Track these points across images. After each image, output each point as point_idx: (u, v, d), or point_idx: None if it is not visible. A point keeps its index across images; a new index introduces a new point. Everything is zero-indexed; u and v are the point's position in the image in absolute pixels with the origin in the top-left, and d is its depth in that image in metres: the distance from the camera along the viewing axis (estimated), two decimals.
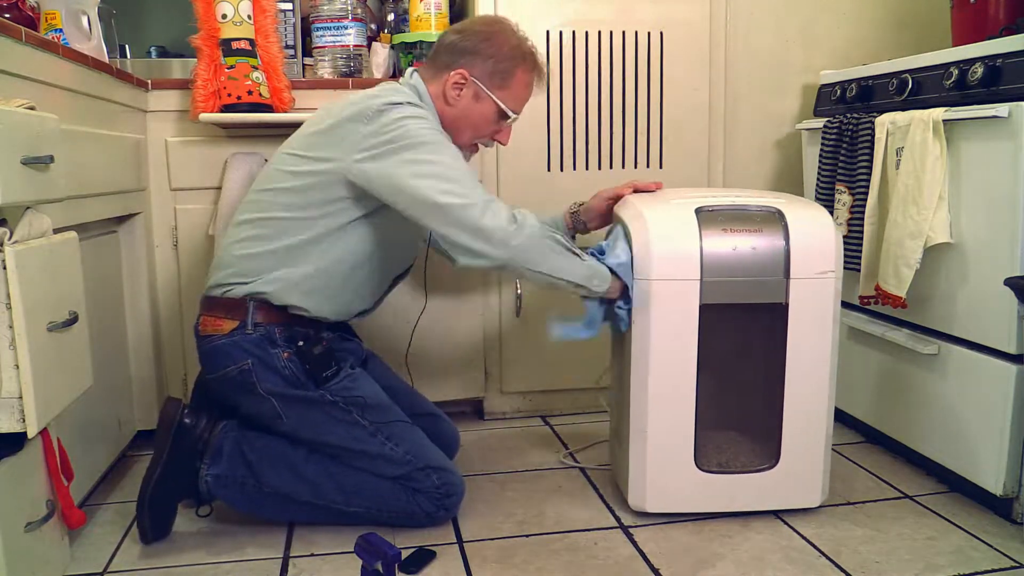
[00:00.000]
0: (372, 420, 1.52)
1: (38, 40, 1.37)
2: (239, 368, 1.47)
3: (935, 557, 1.44)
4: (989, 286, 1.52)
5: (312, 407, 1.49)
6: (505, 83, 1.54)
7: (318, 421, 1.50)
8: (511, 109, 1.56)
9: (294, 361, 1.47)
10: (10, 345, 1.10)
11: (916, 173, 1.61)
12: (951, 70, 1.60)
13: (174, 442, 1.49)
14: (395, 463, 1.52)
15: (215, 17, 1.88)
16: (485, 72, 1.52)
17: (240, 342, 1.47)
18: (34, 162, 1.13)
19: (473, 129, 1.58)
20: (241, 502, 1.53)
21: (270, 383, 1.47)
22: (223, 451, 1.51)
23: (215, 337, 1.49)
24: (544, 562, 1.44)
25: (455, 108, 1.55)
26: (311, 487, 1.52)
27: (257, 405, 1.50)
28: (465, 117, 1.56)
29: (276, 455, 1.52)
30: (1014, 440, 1.51)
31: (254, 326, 1.47)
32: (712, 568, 1.41)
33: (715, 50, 2.18)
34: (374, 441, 1.51)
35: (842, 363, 2.03)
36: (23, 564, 1.21)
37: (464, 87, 1.53)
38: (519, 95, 1.57)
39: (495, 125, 1.58)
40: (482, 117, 1.56)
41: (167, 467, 1.48)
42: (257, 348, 1.47)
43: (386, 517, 1.54)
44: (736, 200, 1.55)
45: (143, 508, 1.48)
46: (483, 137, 1.61)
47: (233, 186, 1.94)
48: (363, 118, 1.43)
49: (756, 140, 2.25)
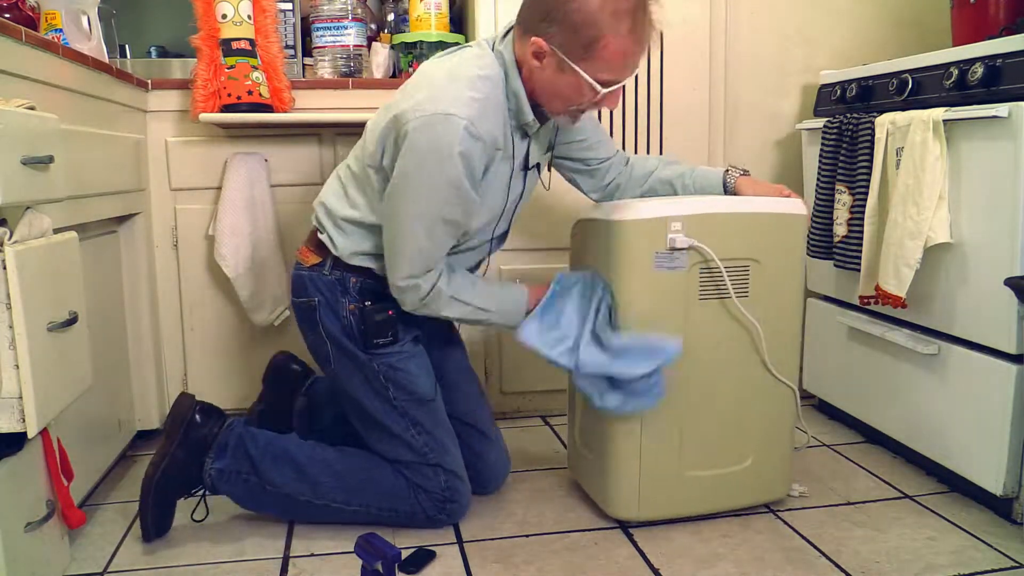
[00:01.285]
0: (405, 401, 1.52)
1: (38, 40, 1.37)
2: (309, 302, 1.53)
3: (935, 557, 1.44)
4: (989, 286, 1.52)
5: (357, 366, 1.52)
6: (589, 53, 1.32)
7: (357, 382, 1.53)
8: (602, 81, 1.35)
9: (356, 316, 1.51)
10: (10, 345, 1.10)
11: (916, 173, 1.61)
12: (951, 70, 1.60)
13: (184, 436, 1.52)
14: (410, 449, 1.52)
15: (215, 17, 1.88)
16: (566, 41, 1.32)
17: (316, 279, 1.52)
18: (34, 162, 1.13)
19: (564, 100, 1.40)
20: (243, 497, 1.55)
21: (331, 326, 1.52)
22: (228, 446, 1.53)
23: (300, 266, 1.55)
24: (544, 562, 1.44)
25: (540, 77, 1.38)
26: (311, 486, 1.52)
27: (316, 341, 1.55)
28: (552, 87, 1.39)
29: (278, 453, 1.54)
30: (1014, 440, 1.51)
31: (331, 268, 1.52)
32: (712, 568, 1.41)
33: (715, 50, 2.18)
34: (400, 422, 1.52)
35: (842, 363, 2.04)
36: (23, 564, 1.21)
37: (545, 56, 1.35)
38: (613, 64, 1.34)
39: (591, 94, 1.37)
40: (572, 88, 1.37)
41: (173, 460, 1.51)
42: (328, 290, 1.51)
43: (387, 516, 1.55)
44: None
45: (148, 497, 1.50)
46: (580, 106, 1.41)
47: (233, 186, 1.94)
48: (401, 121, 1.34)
49: (756, 140, 2.25)
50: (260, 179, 1.98)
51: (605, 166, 1.69)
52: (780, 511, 1.63)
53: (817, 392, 2.19)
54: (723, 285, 1.50)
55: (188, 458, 1.52)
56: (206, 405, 1.58)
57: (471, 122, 1.31)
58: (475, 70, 1.38)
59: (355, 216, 1.49)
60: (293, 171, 2.04)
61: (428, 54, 2.12)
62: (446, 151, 1.31)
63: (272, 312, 2.02)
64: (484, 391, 1.78)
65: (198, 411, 1.55)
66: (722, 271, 1.48)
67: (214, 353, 2.07)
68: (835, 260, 1.89)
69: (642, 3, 1.33)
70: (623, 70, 1.37)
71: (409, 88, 1.41)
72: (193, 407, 1.55)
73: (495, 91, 1.39)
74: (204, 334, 2.06)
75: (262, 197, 1.98)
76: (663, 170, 1.69)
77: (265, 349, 1.98)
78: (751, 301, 1.52)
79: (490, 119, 1.37)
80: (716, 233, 1.47)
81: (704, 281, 1.49)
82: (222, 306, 2.06)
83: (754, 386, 1.57)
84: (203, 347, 2.07)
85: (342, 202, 1.51)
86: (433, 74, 1.40)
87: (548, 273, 2.06)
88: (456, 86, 1.35)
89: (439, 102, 1.32)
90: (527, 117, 1.44)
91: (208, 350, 2.07)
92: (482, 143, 1.34)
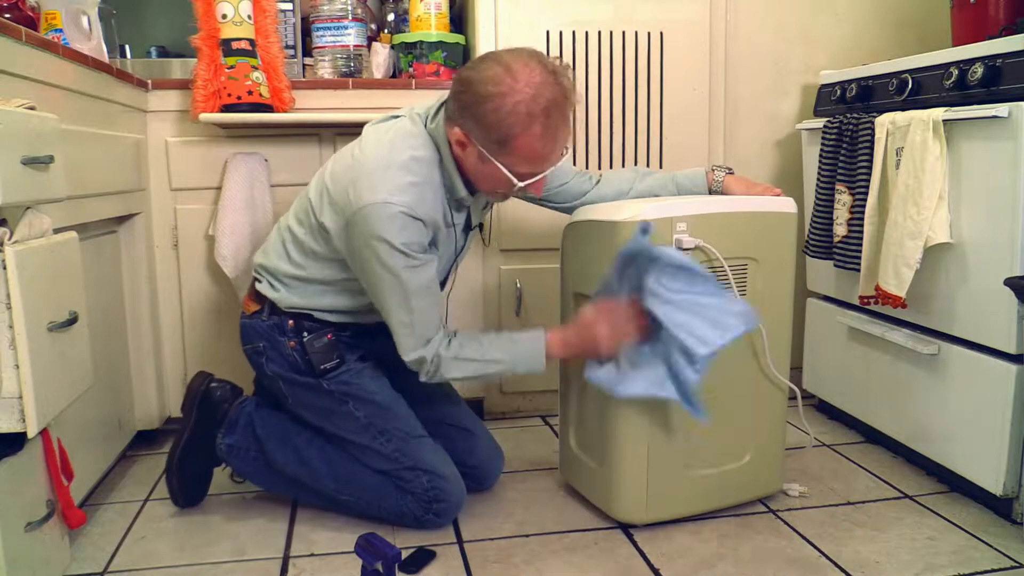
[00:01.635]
0: (366, 413, 1.55)
1: (38, 40, 1.37)
2: (254, 348, 1.60)
3: (935, 557, 1.44)
4: (989, 286, 1.52)
5: (311, 393, 1.57)
6: (504, 149, 1.37)
7: (316, 406, 1.58)
8: (520, 174, 1.40)
9: (298, 350, 1.55)
10: (10, 345, 1.10)
11: (916, 173, 1.61)
12: (951, 70, 1.60)
13: (199, 411, 1.63)
14: (383, 457, 1.55)
15: (215, 17, 1.88)
16: (482, 136, 1.37)
17: (256, 325, 1.58)
18: (34, 162, 1.13)
19: (491, 185, 1.45)
20: (250, 472, 1.64)
21: (276, 366, 1.58)
22: (238, 423, 1.62)
23: (244, 314, 1.62)
24: (544, 562, 1.44)
25: (465, 163, 1.44)
26: (308, 470, 1.58)
27: (268, 382, 1.62)
28: (476, 173, 1.44)
29: (282, 434, 1.60)
30: (1014, 440, 1.51)
31: (269, 314, 1.58)
32: (712, 568, 1.41)
33: (715, 50, 2.18)
34: (365, 434, 1.55)
35: (842, 363, 2.04)
36: (23, 564, 1.21)
37: (467, 146, 1.40)
38: (529, 159, 1.39)
39: (511, 183, 1.41)
40: (493, 177, 1.42)
41: (192, 434, 1.62)
42: (268, 335, 1.57)
43: (375, 511, 1.57)
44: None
45: (171, 473, 1.62)
46: (505, 192, 1.47)
47: (233, 186, 1.94)
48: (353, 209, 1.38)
49: (756, 140, 2.25)
50: (260, 179, 1.98)
51: (563, 190, 1.68)
52: (780, 511, 1.63)
53: (817, 392, 2.19)
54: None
55: (203, 432, 1.63)
56: (219, 380, 1.68)
57: (409, 208, 1.37)
58: (409, 151, 1.42)
59: (298, 274, 1.54)
60: (293, 171, 2.04)
61: (428, 54, 2.12)
62: (393, 238, 1.36)
63: None
64: (456, 392, 1.79)
65: (212, 386, 1.66)
66: (726, 270, 1.49)
67: (214, 353, 2.07)
68: (835, 260, 1.89)
69: (555, 102, 1.34)
70: (540, 164, 1.41)
71: (348, 172, 1.43)
72: (206, 382, 1.66)
73: (430, 172, 1.44)
74: (204, 334, 2.06)
75: (262, 197, 1.98)
76: (641, 182, 1.69)
77: None
78: (749, 299, 1.53)
79: (428, 201, 1.41)
80: (717, 233, 1.48)
81: None
82: (222, 306, 2.06)
83: (752, 384, 1.59)
84: (203, 347, 2.07)
85: (285, 263, 1.55)
86: (370, 159, 1.42)
87: (546, 273, 2.07)
88: (392, 173, 1.39)
89: (378, 191, 1.37)
90: (460, 193, 1.49)
91: (208, 350, 2.07)
92: (422, 222, 1.40)
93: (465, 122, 1.37)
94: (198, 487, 1.68)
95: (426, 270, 1.43)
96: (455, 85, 1.39)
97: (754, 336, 1.56)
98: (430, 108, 1.49)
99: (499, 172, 1.40)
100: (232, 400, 1.66)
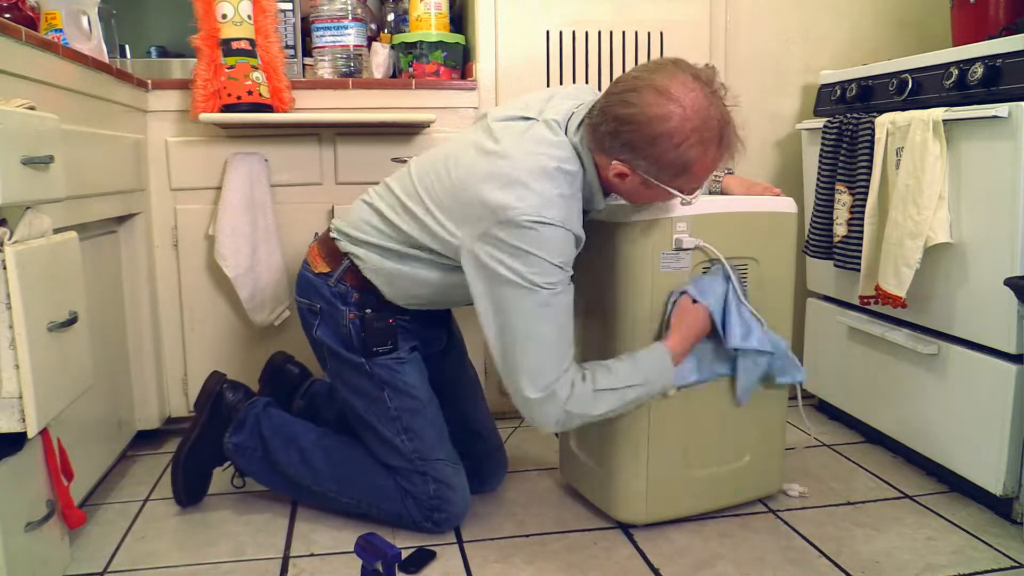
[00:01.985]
0: (399, 407, 1.53)
1: (38, 40, 1.37)
2: (310, 306, 1.56)
3: (935, 557, 1.44)
4: (989, 286, 1.52)
5: (351, 370, 1.54)
6: (680, 176, 1.31)
7: (352, 384, 1.56)
8: (688, 191, 1.35)
9: (355, 324, 1.52)
10: (10, 345, 1.10)
11: (916, 173, 1.61)
12: (951, 70, 1.60)
13: (211, 410, 1.65)
14: (400, 455, 1.53)
15: (215, 17, 1.88)
16: (654, 170, 1.29)
17: (321, 286, 1.54)
18: (34, 162, 1.13)
19: (648, 200, 1.40)
20: (255, 473, 1.64)
21: (327, 333, 1.54)
22: (245, 423, 1.63)
23: (308, 268, 1.57)
24: (544, 562, 1.44)
25: (621, 187, 1.37)
26: (311, 471, 1.58)
27: (313, 343, 1.59)
28: (634, 195, 1.38)
29: (287, 436, 1.61)
30: (1014, 440, 1.51)
31: (338, 280, 1.53)
32: (712, 568, 1.41)
33: (715, 50, 2.18)
34: (392, 426, 1.53)
35: (842, 363, 2.04)
36: (23, 564, 1.21)
37: (628, 176, 1.32)
38: (703, 176, 1.34)
39: (684, 199, 1.36)
40: (656, 196, 1.37)
41: (203, 432, 1.64)
42: (331, 299, 1.53)
43: (376, 513, 1.57)
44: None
45: (177, 468, 1.64)
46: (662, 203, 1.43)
47: (233, 186, 1.94)
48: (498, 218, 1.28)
49: (756, 140, 2.25)
50: (260, 179, 1.97)
51: None
52: (780, 511, 1.63)
53: (817, 392, 2.19)
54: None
55: (214, 431, 1.64)
56: (233, 382, 1.69)
57: (564, 223, 1.29)
58: (557, 162, 1.32)
59: (388, 245, 1.46)
60: (293, 171, 2.04)
61: (428, 54, 2.12)
62: (548, 255, 1.28)
63: (272, 312, 2.02)
64: (482, 392, 1.79)
65: (225, 387, 1.67)
66: (729, 271, 1.49)
67: (214, 353, 2.07)
68: (835, 260, 1.89)
69: (724, 121, 1.28)
70: (708, 176, 1.37)
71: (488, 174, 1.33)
72: (221, 382, 1.67)
73: (576, 185, 1.35)
74: (204, 334, 2.06)
75: (262, 197, 1.98)
76: None
77: (265, 349, 1.98)
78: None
79: (575, 216, 1.33)
80: (717, 233, 1.48)
81: None
82: (222, 306, 2.06)
83: None
84: (203, 347, 2.07)
85: (378, 235, 1.48)
86: (518, 163, 1.32)
87: None
88: (545, 184, 1.30)
89: (532, 203, 1.27)
90: (600, 206, 1.43)
91: (208, 350, 2.07)
92: (575, 238, 1.33)
93: (633, 160, 1.29)
94: (200, 485, 1.69)
95: (569, 294, 1.33)
96: (612, 122, 1.28)
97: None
98: (569, 116, 1.38)
99: (666, 193, 1.34)
100: (245, 401, 1.67)
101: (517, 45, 2.09)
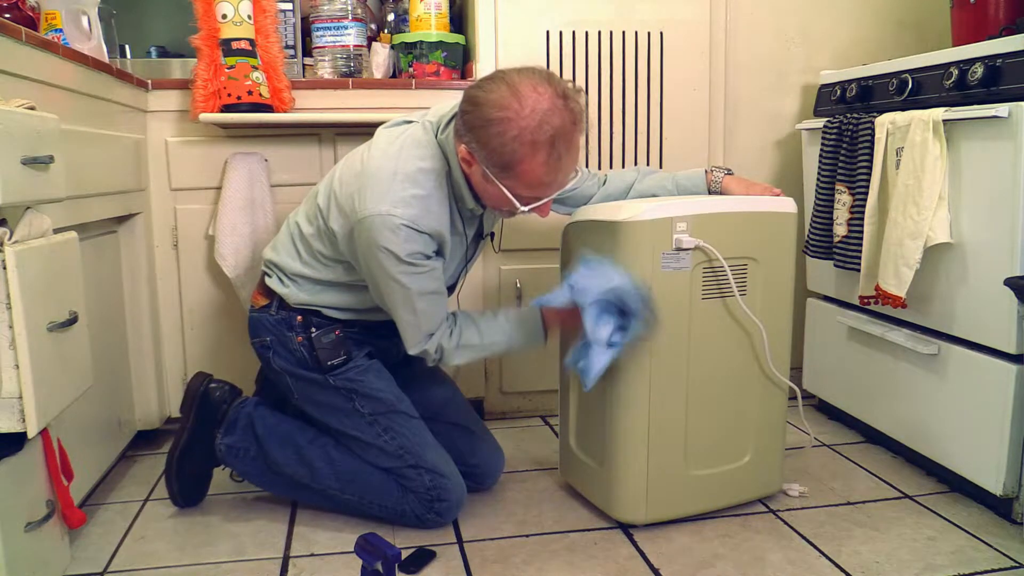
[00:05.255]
0: (372, 411, 1.55)
1: (38, 40, 1.37)
2: (261, 342, 1.60)
3: (935, 557, 1.44)
4: (989, 286, 1.52)
5: (317, 389, 1.57)
6: (508, 174, 1.35)
7: (321, 402, 1.58)
8: (522, 198, 1.39)
9: (305, 346, 1.56)
10: (10, 345, 1.10)
11: (916, 173, 1.61)
12: (951, 70, 1.60)
13: (198, 411, 1.63)
14: (387, 455, 1.55)
15: (215, 17, 1.88)
16: (487, 159, 1.35)
17: (265, 320, 1.59)
18: (34, 162, 1.13)
19: (495, 203, 1.45)
20: (250, 474, 1.63)
21: (283, 361, 1.58)
22: (237, 423, 1.62)
23: (253, 308, 1.63)
24: (544, 562, 1.44)
25: (472, 178, 1.43)
26: (309, 470, 1.58)
27: (275, 376, 1.62)
28: (481, 190, 1.43)
29: (283, 434, 1.60)
30: (1014, 440, 1.51)
31: (278, 309, 1.58)
32: (712, 568, 1.41)
33: (715, 50, 2.18)
34: (370, 430, 1.55)
35: (842, 363, 2.04)
36: (23, 564, 1.21)
37: (472, 164, 1.38)
38: (532, 185, 1.36)
39: (514, 206, 1.40)
40: (497, 197, 1.41)
41: (192, 434, 1.63)
42: (276, 329, 1.58)
43: (378, 511, 1.57)
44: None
45: (170, 474, 1.63)
46: (511, 211, 1.44)
47: (233, 186, 1.94)
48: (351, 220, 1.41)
49: (756, 140, 2.25)
50: (260, 179, 1.98)
51: (573, 195, 1.69)
52: (780, 511, 1.63)
53: (817, 392, 2.19)
54: (726, 284, 1.51)
55: (204, 432, 1.63)
56: (217, 380, 1.67)
57: (412, 221, 1.37)
58: (416, 162, 1.41)
59: (307, 273, 1.55)
60: (293, 171, 2.04)
61: (428, 54, 2.12)
62: (396, 249, 1.37)
63: None
64: (457, 388, 1.80)
65: (211, 386, 1.65)
66: (726, 270, 1.49)
67: (214, 353, 2.07)
68: (835, 260, 1.89)
69: (562, 131, 1.31)
70: (544, 190, 1.39)
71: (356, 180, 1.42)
72: (205, 382, 1.65)
73: (438, 184, 1.42)
74: (204, 334, 2.06)
75: (262, 197, 1.98)
76: (642, 182, 1.70)
77: None
78: (749, 299, 1.53)
79: (433, 213, 1.41)
80: (717, 233, 1.48)
81: (707, 280, 1.50)
82: (222, 306, 2.06)
83: (752, 383, 1.59)
84: (203, 347, 2.07)
85: (295, 260, 1.56)
86: (378, 168, 1.41)
87: (546, 273, 2.07)
88: (398, 184, 1.38)
89: (382, 202, 1.37)
90: (469, 205, 1.49)
91: (208, 350, 2.07)
92: (427, 235, 1.40)
93: (471, 142, 1.35)
94: (198, 487, 1.68)
95: (431, 276, 1.44)
96: (463, 103, 1.37)
97: (754, 336, 1.55)
98: (443, 116, 1.47)
99: (503, 194, 1.38)
100: (231, 400, 1.66)
101: (517, 45, 2.09)
